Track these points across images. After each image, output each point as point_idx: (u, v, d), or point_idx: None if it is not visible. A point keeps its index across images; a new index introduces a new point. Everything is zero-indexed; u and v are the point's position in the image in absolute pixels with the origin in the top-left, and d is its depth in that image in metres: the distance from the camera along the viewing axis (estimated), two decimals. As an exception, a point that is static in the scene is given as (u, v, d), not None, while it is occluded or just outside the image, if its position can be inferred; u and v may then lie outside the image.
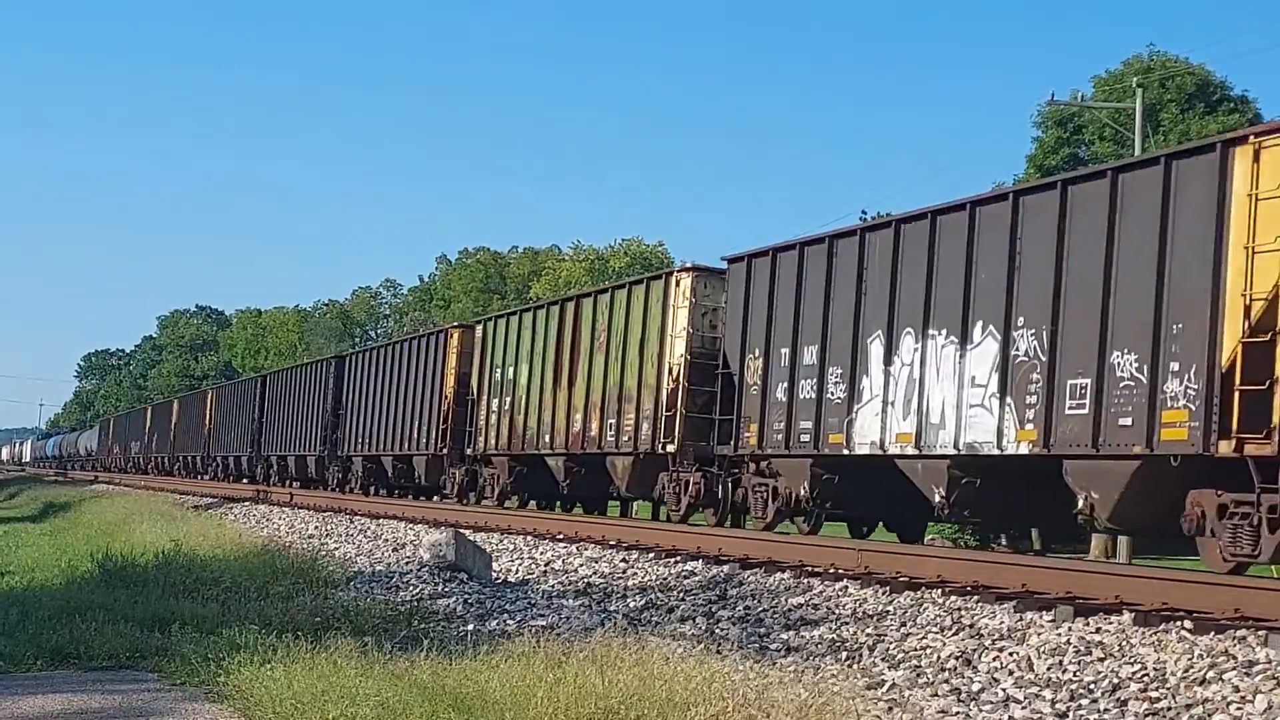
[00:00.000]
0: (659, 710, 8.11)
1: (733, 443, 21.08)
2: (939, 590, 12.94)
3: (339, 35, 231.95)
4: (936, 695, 9.47)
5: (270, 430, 51.03)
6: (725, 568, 15.73)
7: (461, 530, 19.24)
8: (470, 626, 13.29)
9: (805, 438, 19.55)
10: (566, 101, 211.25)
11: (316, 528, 27.35)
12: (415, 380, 35.07)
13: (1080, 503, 15.12)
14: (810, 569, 14.98)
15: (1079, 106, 44.84)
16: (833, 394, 19.09)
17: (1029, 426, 15.76)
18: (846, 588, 13.74)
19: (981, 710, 9.01)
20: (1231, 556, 13.62)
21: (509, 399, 28.87)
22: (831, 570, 14.74)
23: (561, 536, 20.44)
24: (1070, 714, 8.81)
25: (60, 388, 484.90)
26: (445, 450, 32.58)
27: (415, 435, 34.50)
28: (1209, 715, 8.47)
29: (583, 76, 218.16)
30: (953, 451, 16.82)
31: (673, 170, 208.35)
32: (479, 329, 31.82)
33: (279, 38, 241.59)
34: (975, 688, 9.57)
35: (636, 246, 79.66)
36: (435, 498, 35.04)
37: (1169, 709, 8.65)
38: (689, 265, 23.44)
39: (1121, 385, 14.65)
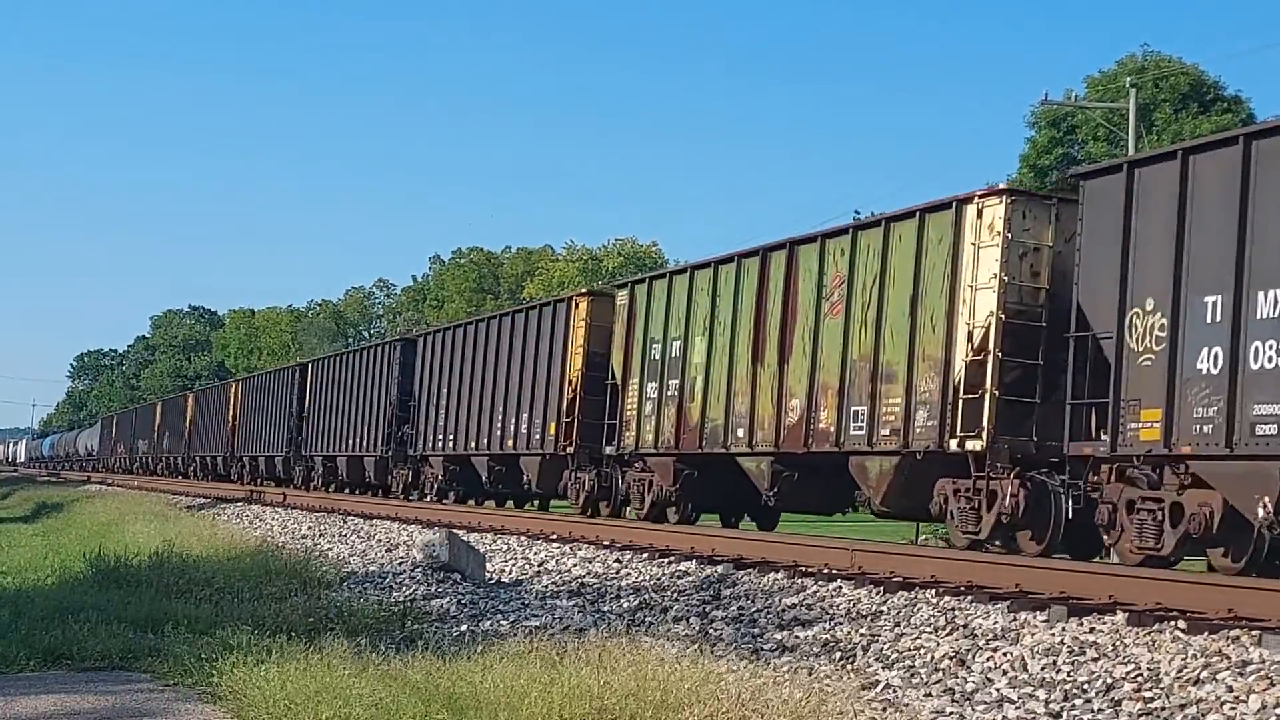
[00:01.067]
0: (653, 711, 8.11)
1: (1111, 437, 14.59)
2: (933, 590, 12.94)
3: (332, 36, 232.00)
4: (930, 695, 9.47)
5: (315, 425, 44.95)
6: (719, 568, 15.72)
7: (455, 530, 19.23)
8: (464, 627, 13.28)
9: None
10: (560, 101, 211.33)
11: (309, 528, 27.31)
12: (523, 363, 28.85)
13: None
14: (804, 569, 14.98)
15: (1073, 107, 44.89)
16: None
17: None
18: (840, 588, 13.74)
19: (975, 710, 9.00)
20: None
21: (674, 382, 22.79)
22: (825, 570, 14.74)
23: (555, 537, 20.43)
24: (1064, 714, 8.81)
25: (53, 388, 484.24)
26: (570, 448, 26.14)
27: (522, 431, 28.37)
28: (1203, 715, 8.47)
29: (576, 77, 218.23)
30: None
31: (666, 170, 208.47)
32: (621, 295, 25.42)
33: (272, 39, 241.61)
34: (969, 688, 9.57)
35: (630, 247, 79.72)
36: (537, 506, 31.62)
37: (1163, 709, 8.66)
38: (1000, 186, 17.41)
39: None
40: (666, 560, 16.81)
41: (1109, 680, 9.35)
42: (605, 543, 18.91)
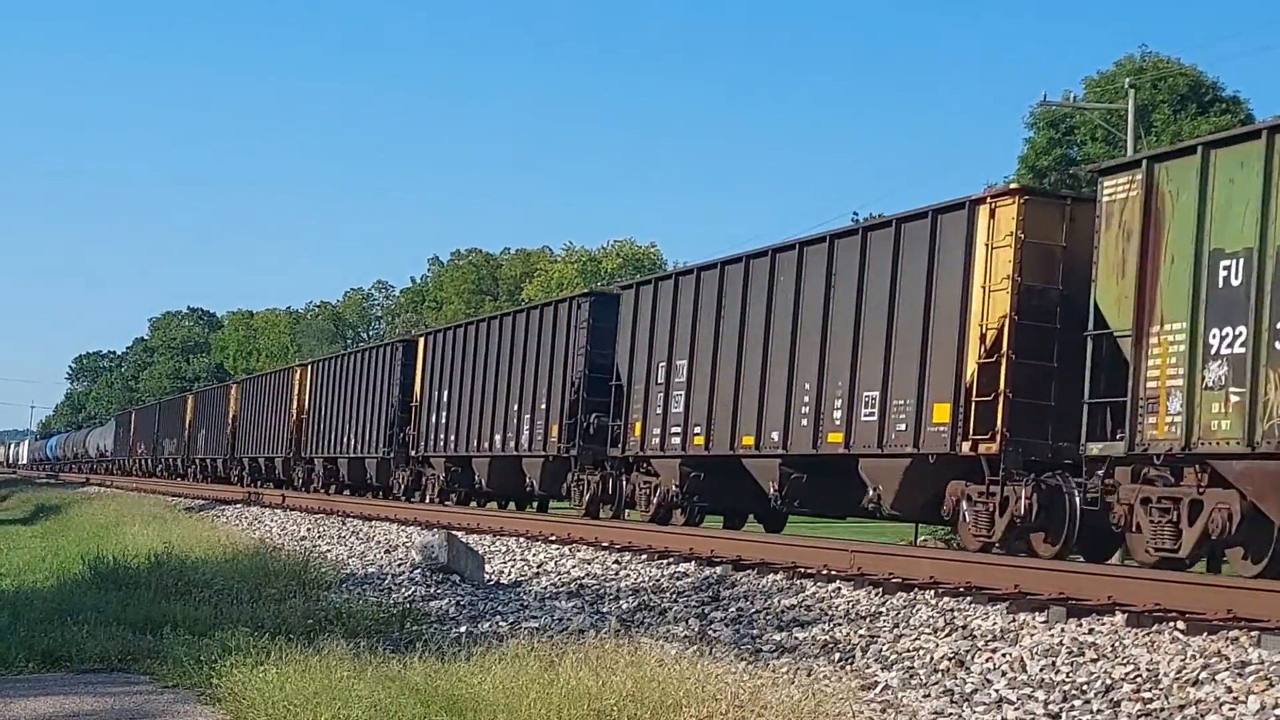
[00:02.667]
0: (651, 712, 8.11)
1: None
2: (932, 591, 12.94)
3: (331, 37, 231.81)
4: (929, 696, 9.47)
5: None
6: (718, 569, 15.72)
7: (454, 532, 19.23)
8: (463, 628, 13.28)
9: None
10: (559, 102, 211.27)
11: (308, 530, 27.33)
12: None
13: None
14: (803, 570, 14.97)
15: (1071, 108, 44.88)
16: None
17: None
18: (839, 589, 13.73)
19: (974, 711, 9.01)
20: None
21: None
22: (824, 572, 14.74)
23: (554, 538, 20.42)
24: (1063, 715, 8.81)
25: (51, 390, 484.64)
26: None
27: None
28: (1202, 716, 8.47)
29: (574, 77, 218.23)
30: None
31: (666, 172, 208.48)
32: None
33: (272, 39, 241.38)
34: (968, 689, 9.57)
35: (629, 248, 79.78)
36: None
37: (1162, 710, 8.66)
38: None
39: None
40: (665, 561, 16.81)
41: (1108, 681, 9.35)
42: (604, 544, 18.91)
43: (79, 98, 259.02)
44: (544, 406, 26.92)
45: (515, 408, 28.15)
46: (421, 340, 35.03)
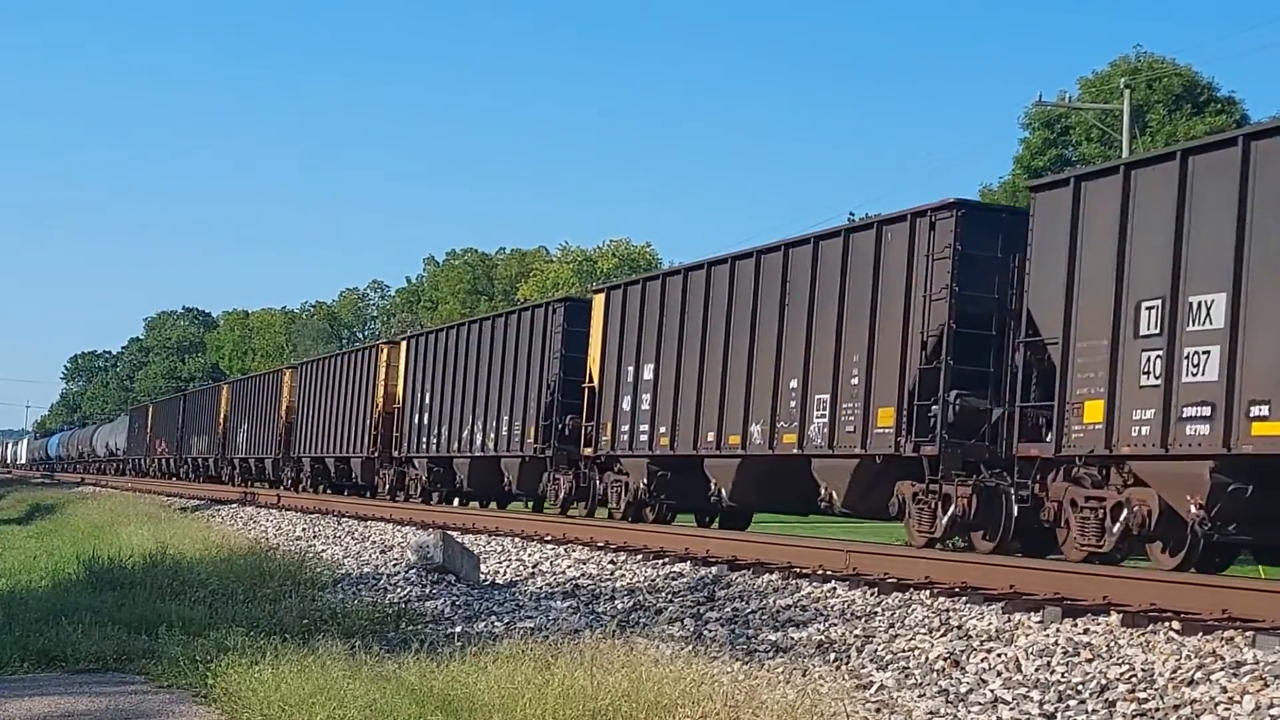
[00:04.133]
0: (646, 712, 8.11)
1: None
2: (927, 591, 12.94)
3: (327, 37, 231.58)
4: (924, 696, 9.47)
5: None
6: (713, 569, 15.72)
7: (449, 532, 19.22)
8: (458, 628, 13.27)
9: None
10: (554, 102, 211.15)
11: (304, 530, 27.32)
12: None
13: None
14: (799, 570, 14.98)
15: (1066, 108, 44.94)
16: None
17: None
18: (835, 589, 13.74)
19: (970, 711, 9.01)
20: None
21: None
22: (820, 571, 14.74)
23: (549, 538, 20.42)
24: (1058, 715, 8.81)
25: (46, 389, 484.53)
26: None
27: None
28: (1197, 716, 8.48)
29: (570, 77, 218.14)
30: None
31: (661, 172, 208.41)
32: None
33: (268, 40, 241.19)
34: (963, 689, 9.57)
35: (625, 248, 79.72)
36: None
37: (1157, 710, 8.66)
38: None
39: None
40: (661, 561, 16.81)
41: (1103, 681, 9.36)
42: (600, 544, 18.91)
43: (74, 97, 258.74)
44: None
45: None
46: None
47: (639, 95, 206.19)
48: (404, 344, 35.80)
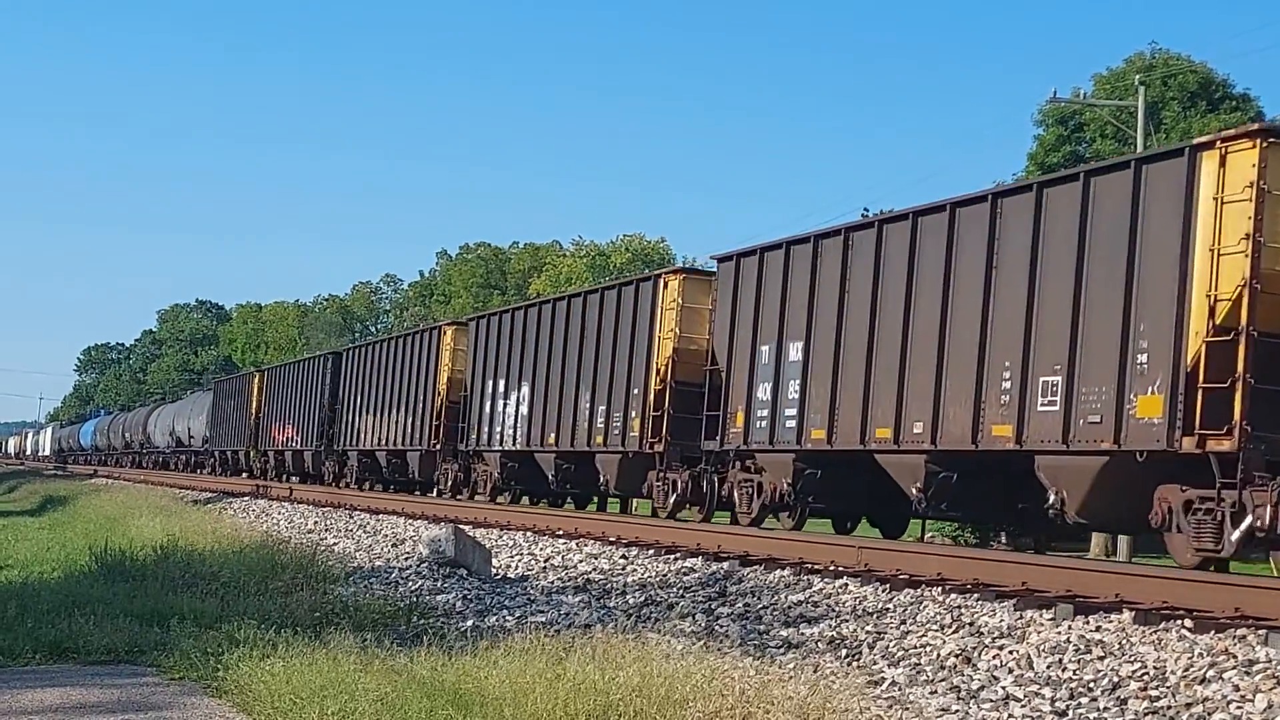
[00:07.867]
0: (658, 707, 8.10)
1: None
2: (939, 588, 12.92)
3: (340, 29, 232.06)
4: (936, 693, 9.46)
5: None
6: (725, 564, 15.70)
7: (461, 526, 19.22)
8: (469, 622, 13.28)
9: None
10: (568, 96, 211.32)
11: (315, 523, 27.35)
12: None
13: None
14: (810, 566, 14.96)
15: (1080, 104, 44.77)
16: None
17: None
18: (846, 585, 13.72)
19: (981, 708, 9.00)
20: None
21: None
22: (832, 567, 14.72)
23: (561, 533, 20.42)
24: (1070, 712, 8.80)
25: (60, 381, 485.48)
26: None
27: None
28: (1209, 714, 8.46)
29: (584, 72, 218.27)
30: None
31: (675, 166, 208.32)
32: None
33: (280, 31, 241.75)
34: (975, 686, 9.56)
35: (638, 243, 79.64)
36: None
37: (1169, 708, 8.64)
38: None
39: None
40: (673, 556, 16.80)
41: (1115, 679, 9.34)
42: (611, 539, 18.90)
43: (89, 91, 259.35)
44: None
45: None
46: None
47: (653, 90, 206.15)
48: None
